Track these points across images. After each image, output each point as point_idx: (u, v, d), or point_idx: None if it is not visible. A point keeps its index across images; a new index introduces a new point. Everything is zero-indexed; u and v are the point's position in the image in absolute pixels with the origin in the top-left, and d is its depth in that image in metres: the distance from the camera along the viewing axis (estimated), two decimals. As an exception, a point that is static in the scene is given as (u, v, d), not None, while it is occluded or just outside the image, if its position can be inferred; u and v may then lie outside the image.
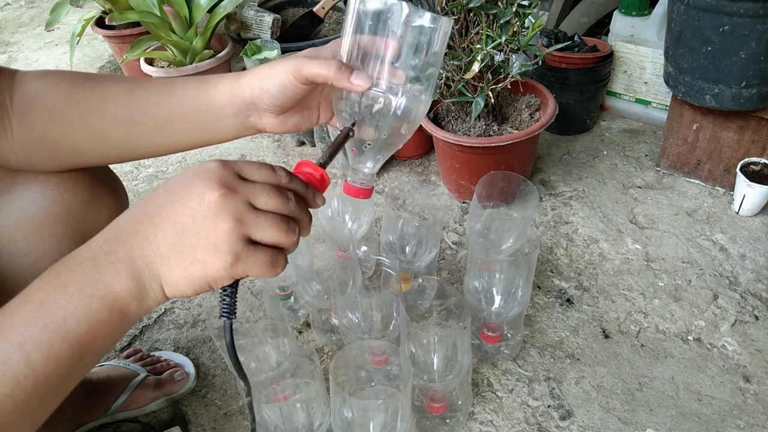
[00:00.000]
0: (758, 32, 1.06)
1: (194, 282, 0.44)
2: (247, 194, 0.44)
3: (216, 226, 0.43)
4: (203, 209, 0.43)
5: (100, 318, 0.42)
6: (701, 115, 1.28)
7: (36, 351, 0.40)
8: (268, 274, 0.46)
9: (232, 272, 0.44)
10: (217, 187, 0.43)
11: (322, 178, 0.52)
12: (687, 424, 0.90)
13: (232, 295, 0.47)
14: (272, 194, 0.45)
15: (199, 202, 0.43)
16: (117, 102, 0.60)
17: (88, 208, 0.67)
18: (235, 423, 0.96)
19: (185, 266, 0.44)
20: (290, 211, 0.46)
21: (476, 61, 1.08)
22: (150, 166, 1.63)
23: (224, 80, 0.59)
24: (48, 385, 0.41)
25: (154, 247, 0.44)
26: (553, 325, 1.07)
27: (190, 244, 0.43)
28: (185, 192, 0.44)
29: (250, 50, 1.61)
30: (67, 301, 0.42)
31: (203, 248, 0.43)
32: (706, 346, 1.01)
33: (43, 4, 2.91)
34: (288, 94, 0.56)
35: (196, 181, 0.44)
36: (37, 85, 0.59)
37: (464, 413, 0.91)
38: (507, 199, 1.14)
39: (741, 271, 1.14)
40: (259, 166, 0.47)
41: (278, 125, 0.60)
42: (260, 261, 0.45)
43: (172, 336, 1.12)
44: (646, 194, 1.35)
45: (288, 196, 0.47)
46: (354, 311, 0.93)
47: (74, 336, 0.42)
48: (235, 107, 0.59)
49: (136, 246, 0.44)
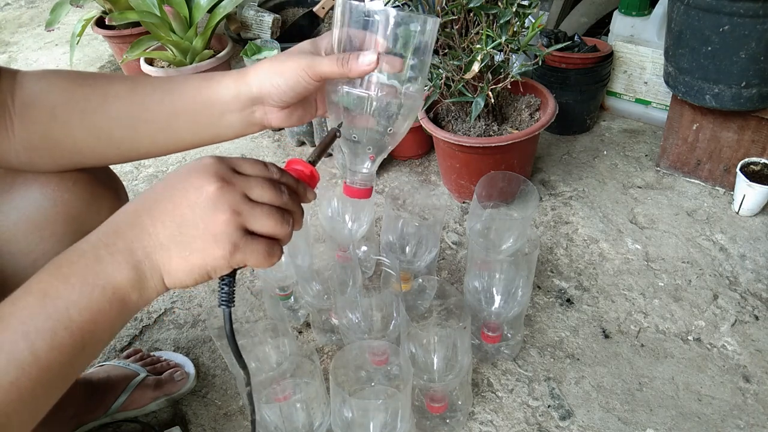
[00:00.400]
0: (758, 32, 1.06)
1: (194, 271, 0.45)
2: (242, 187, 0.46)
3: (214, 217, 0.44)
4: (201, 201, 0.44)
5: (102, 307, 0.43)
6: (701, 115, 1.28)
7: (40, 339, 0.41)
8: (265, 263, 0.47)
9: (231, 261, 0.46)
10: (214, 180, 0.45)
11: (311, 174, 0.54)
12: (687, 424, 0.90)
13: (231, 284, 0.49)
14: (266, 187, 0.47)
15: (197, 194, 0.44)
16: (119, 101, 0.60)
17: (88, 208, 0.66)
18: (235, 423, 0.96)
19: (185, 256, 0.45)
20: (284, 203, 0.48)
21: (476, 61, 1.08)
22: (150, 166, 1.63)
23: (228, 77, 0.59)
24: (51, 372, 0.42)
25: (153, 238, 0.45)
26: (553, 325, 1.07)
27: (190, 235, 0.44)
28: (183, 185, 0.45)
29: (250, 50, 1.61)
30: (70, 291, 0.42)
31: (203, 238, 0.44)
32: (706, 346, 1.01)
33: (43, 4, 2.91)
34: (299, 90, 0.57)
35: (193, 175, 0.45)
36: (39, 84, 0.59)
37: (464, 413, 0.91)
38: (507, 199, 1.14)
39: (741, 271, 1.14)
40: (253, 162, 0.49)
41: (284, 119, 0.61)
42: (258, 250, 0.46)
43: (172, 336, 1.12)
44: (646, 194, 1.35)
45: (281, 189, 0.48)
46: (354, 311, 0.93)
47: (77, 325, 0.42)
48: (240, 103, 0.59)
49: (136, 237, 0.45)
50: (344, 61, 0.53)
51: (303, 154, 1.61)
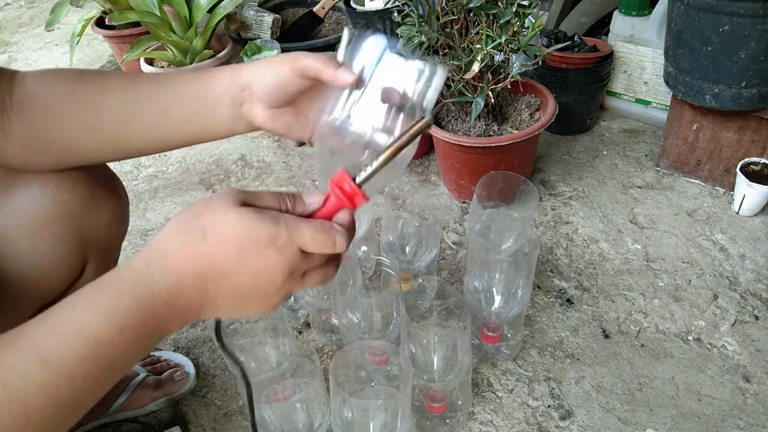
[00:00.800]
0: (758, 32, 1.06)
1: (232, 317, 0.49)
2: (305, 269, 0.48)
3: (275, 298, 0.48)
4: (270, 289, 0.47)
5: (140, 355, 0.46)
6: (701, 115, 1.28)
7: (83, 383, 0.42)
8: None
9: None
10: (286, 272, 0.46)
11: (353, 204, 0.49)
12: (687, 424, 0.90)
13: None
14: (327, 270, 0.50)
15: (265, 281, 0.46)
16: (114, 95, 0.60)
17: (87, 208, 0.66)
18: (235, 423, 0.96)
19: (232, 312, 0.48)
20: (333, 276, 0.51)
21: (476, 61, 1.08)
22: (150, 166, 1.63)
23: (224, 69, 0.60)
24: (82, 408, 0.43)
25: (212, 303, 0.47)
26: (553, 325, 1.07)
27: (245, 306, 0.48)
28: (255, 267, 0.45)
29: (250, 50, 1.61)
30: (122, 344, 0.43)
31: (256, 309, 0.48)
32: (706, 346, 1.01)
33: (43, 4, 2.91)
34: (282, 84, 0.57)
35: (266, 260, 0.45)
36: (36, 84, 0.59)
37: (464, 413, 0.91)
38: (507, 199, 1.14)
39: (741, 271, 1.14)
40: (324, 240, 0.47)
41: (269, 119, 0.60)
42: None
43: (172, 336, 1.12)
44: (646, 194, 1.35)
45: (336, 267, 0.51)
46: (354, 311, 0.93)
47: (119, 373, 0.45)
48: (231, 93, 0.59)
49: (196, 302, 0.46)
50: (327, 63, 0.55)
51: (303, 154, 1.60)
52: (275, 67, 0.57)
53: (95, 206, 0.67)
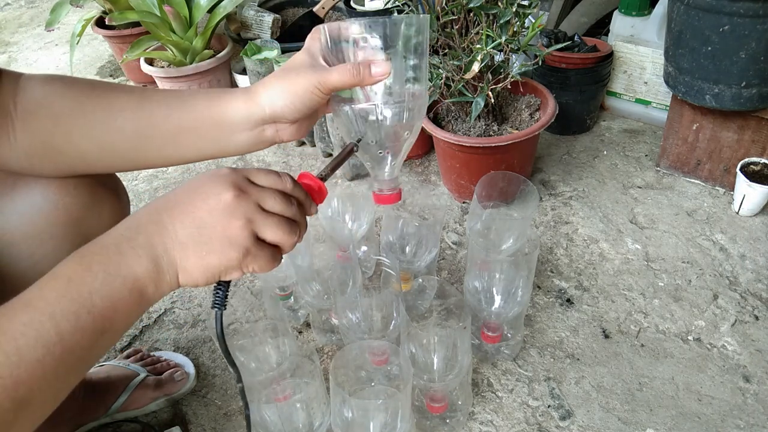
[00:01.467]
0: (758, 32, 1.06)
1: (208, 270, 0.49)
2: (257, 197, 0.50)
3: (231, 223, 0.48)
4: (220, 207, 0.48)
5: (122, 296, 0.46)
6: (701, 115, 1.28)
7: (65, 320, 0.43)
8: (267, 269, 0.52)
9: (242, 265, 0.50)
10: (231, 189, 0.49)
11: (320, 189, 0.57)
12: (687, 424, 0.90)
13: (226, 289, 0.53)
14: (278, 199, 0.51)
15: (215, 200, 0.48)
16: (124, 114, 0.59)
17: (89, 210, 0.66)
18: (235, 423, 0.96)
19: (202, 255, 0.48)
20: (293, 215, 0.52)
21: (476, 61, 1.08)
22: (150, 166, 1.63)
23: (237, 98, 0.59)
24: (73, 354, 0.44)
25: (173, 235, 0.48)
26: (553, 325, 1.07)
27: (207, 236, 0.48)
28: (203, 191, 0.49)
29: (250, 50, 1.61)
30: (93, 278, 0.45)
31: (219, 241, 0.48)
32: (706, 346, 1.01)
33: (43, 4, 2.91)
34: (313, 105, 0.58)
35: (212, 183, 0.49)
36: (43, 90, 0.58)
37: (464, 413, 0.91)
38: (507, 199, 1.14)
39: (741, 271, 1.14)
40: (267, 172, 0.52)
41: (296, 132, 0.62)
42: (264, 257, 0.51)
43: (172, 336, 1.12)
44: (646, 194, 1.35)
45: (291, 201, 0.52)
46: (354, 311, 0.93)
47: (98, 310, 0.45)
48: (251, 123, 0.59)
49: (156, 233, 0.48)
50: (357, 71, 0.55)
51: (303, 154, 1.61)
52: (304, 93, 0.56)
53: (96, 208, 0.67)
